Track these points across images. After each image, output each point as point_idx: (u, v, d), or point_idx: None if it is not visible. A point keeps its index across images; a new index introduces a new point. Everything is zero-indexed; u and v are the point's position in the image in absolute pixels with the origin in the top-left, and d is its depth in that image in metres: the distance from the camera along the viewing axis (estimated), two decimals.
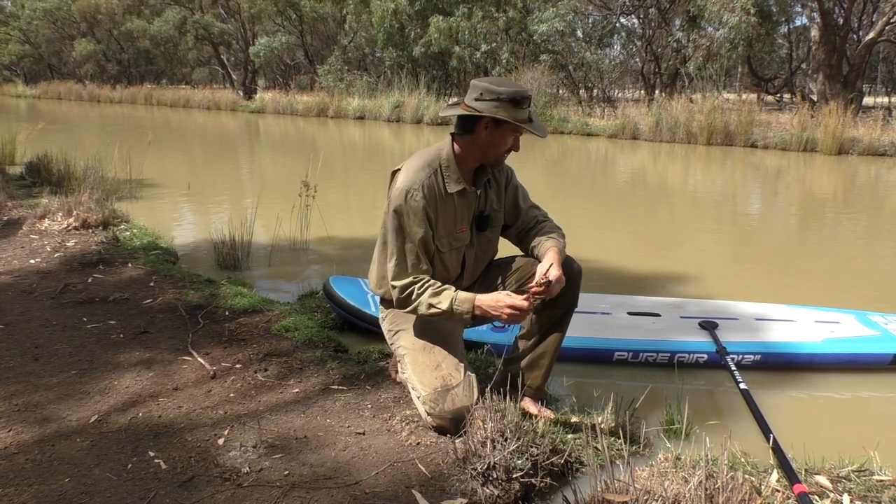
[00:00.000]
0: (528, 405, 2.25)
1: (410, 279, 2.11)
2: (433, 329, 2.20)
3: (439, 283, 2.11)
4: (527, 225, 2.28)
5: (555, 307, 2.18)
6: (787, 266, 4.69)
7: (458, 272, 2.25)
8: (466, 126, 2.09)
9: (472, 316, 2.05)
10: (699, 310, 3.24)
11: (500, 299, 2.00)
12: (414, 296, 2.10)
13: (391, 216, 2.10)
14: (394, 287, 2.14)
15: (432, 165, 2.11)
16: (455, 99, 2.22)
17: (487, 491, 1.79)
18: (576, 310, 2.27)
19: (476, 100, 2.04)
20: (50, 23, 36.22)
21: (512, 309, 1.97)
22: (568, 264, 2.16)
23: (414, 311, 2.14)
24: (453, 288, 2.09)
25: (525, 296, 1.99)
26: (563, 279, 2.02)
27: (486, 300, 2.02)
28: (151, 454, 1.97)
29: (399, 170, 2.15)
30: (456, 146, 2.14)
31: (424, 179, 2.08)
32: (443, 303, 2.05)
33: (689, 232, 5.84)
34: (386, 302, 2.34)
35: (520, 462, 1.83)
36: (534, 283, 2.00)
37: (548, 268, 2.02)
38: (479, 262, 2.29)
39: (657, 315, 3.16)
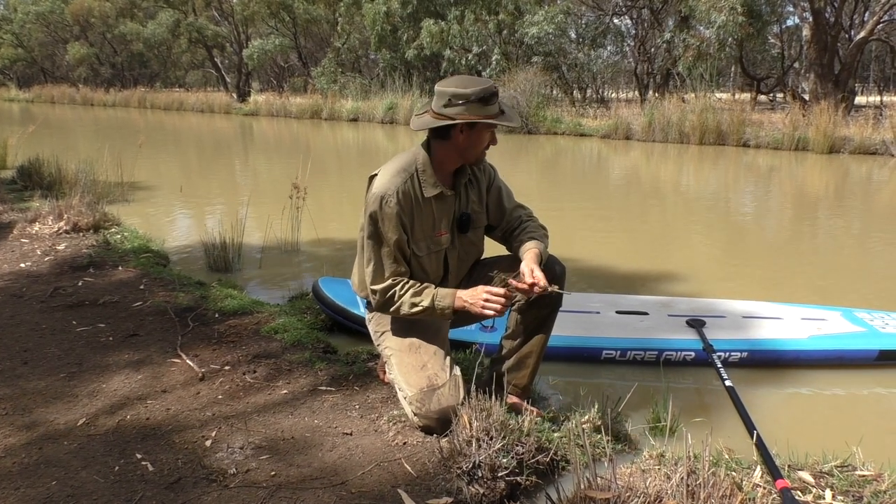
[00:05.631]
0: (515, 404, 2.26)
1: (390, 282, 2.12)
2: (419, 329, 2.21)
3: (419, 283, 2.13)
4: (511, 225, 2.29)
5: (540, 307, 2.19)
6: (777, 264, 4.72)
7: (440, 274, 2.26)
8: (441, 132, 2.09)
9: (453, 311, 2.06)
10: (687, 308, 3.26)
11: (478, 290, 2.03)
12: (396, 297, 2.11)
13: (367, 222, 2.11)
14: (374, 292, 2.15)
15: (408, 170, 2.12)
16: (420, 106, 2.23)
17: (473, 489, 1.80)
18: (565, 308, 2.29)
19: (445, 106, 2.04)
20: (43, 26, 36.16)
21: (487, 299, 1.99)
22: (551, 265, 2.18)
23: (396, 313, 2.15)
24: (433, 286, 2.11)
25: (506, 289, 2.01)
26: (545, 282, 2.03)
27: (465, 293, 2.06)
28: (139, 456, 1.97)
29: (376, 174, 2.16)
30: (433, 151, 2.14)
31: (400, 185, 2.08)
32: (425, 300, 2.07)
33: (679, 231, 5.86)
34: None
35: (505, 460, 1.84)
36: (519, 282, 2.02)
37: (532, 270, 2.03)
38: (463, 263, 2.31)
39: (645, 314, 3.17)
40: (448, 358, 2.19)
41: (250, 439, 2.06)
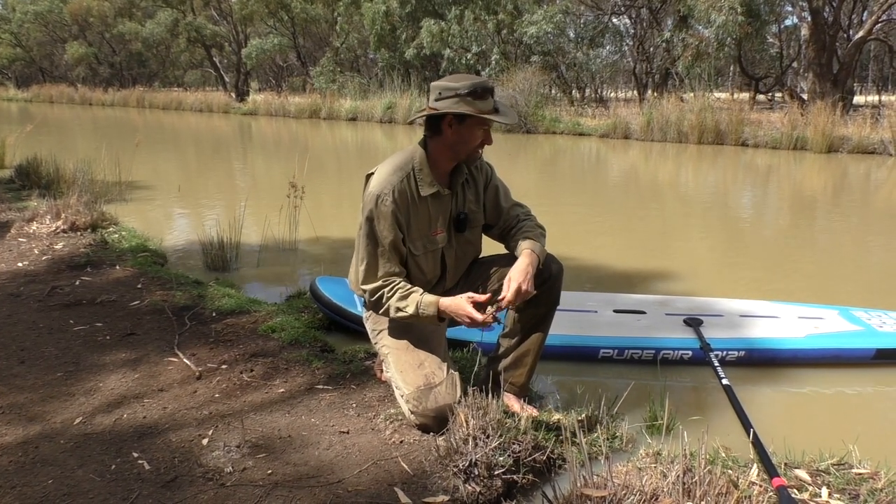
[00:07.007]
0: (512, 402, 2.26)
1: (380, 283, 2.12)
2: (416, 328, 2.21)
3: (408, 286, 2.11)
4: (508, 224, 2.28)
5: (537, 306, 2.19)
6: (775, 263, 4.72)
7: (437, 274, 2.26)
8: (433, 127, 2.10)
9: (439, 319, 2.05)
10: (684, 307, 3.26)
11: (461, 306, 2.00)
12: (384, 299, 2.11)
13: (363, 221, 2.11)
14: (364, 291, 2.15)
15: (405, 169, 2.11)
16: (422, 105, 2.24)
17: (469, 488, 1.80)
18: (562, 308, 2.29)
19: (436, 100, 2.05)
20: (41, 26, 36.11)
21: (470, 320, 1.99)
22: (547, 264, 2.17)
23: (385, 314, 2.15)
24: (420, 291, 2.09)
25: (485, 315, 1.99)
26: (527, 291, 2.01)
27: (449, 304, 2.03)
28: (135, 455, 1.97)
29: (373, 173, 2.16)
30: (429, 149, 2.14)
31: (396, 184, 2.08)
32: (409, 307, 2.06)
33: (677, 230, 5.86)
34: None
35: (502, 459, 1.84)
36: (499, 298, 2.03)
37: (505, 292, 2.01)
38: (461, 262, 2.30)
39: (643, 312, 3.17)
40: (445, 356, 2.19)
41: (247, 438, 2.06)
